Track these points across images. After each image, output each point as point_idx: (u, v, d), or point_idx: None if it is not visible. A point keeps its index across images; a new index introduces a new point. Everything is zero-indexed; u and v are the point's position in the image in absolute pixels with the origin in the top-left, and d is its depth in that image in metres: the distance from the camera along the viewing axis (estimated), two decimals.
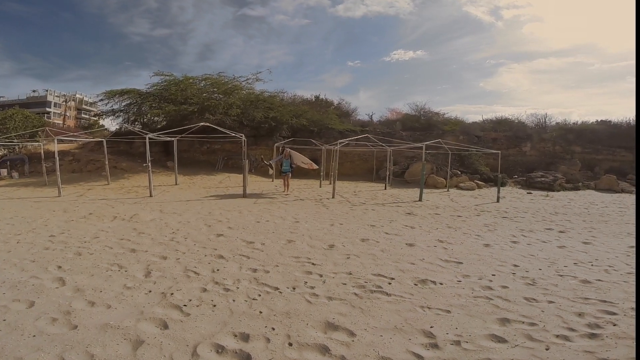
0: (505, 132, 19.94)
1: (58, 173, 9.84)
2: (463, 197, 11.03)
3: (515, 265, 3.93)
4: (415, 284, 3.30)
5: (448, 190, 12.75)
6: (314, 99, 25.21)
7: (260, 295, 2.94)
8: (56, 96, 55.04)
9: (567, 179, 15.08)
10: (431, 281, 3.38)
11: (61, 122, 47.41)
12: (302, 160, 10.90)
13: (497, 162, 11.78)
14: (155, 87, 16.91)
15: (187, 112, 15.16)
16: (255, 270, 3.54)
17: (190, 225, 5.70)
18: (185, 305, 2.70)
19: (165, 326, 2.39)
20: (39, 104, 51.13)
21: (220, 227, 5.56)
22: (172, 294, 2.93)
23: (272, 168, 11.80)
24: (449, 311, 2.75)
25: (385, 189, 12.44)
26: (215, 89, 17.48)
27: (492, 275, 3.60)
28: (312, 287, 3.13)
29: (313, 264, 3.80)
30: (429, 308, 2.81)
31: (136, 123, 17.39)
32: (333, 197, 9.43)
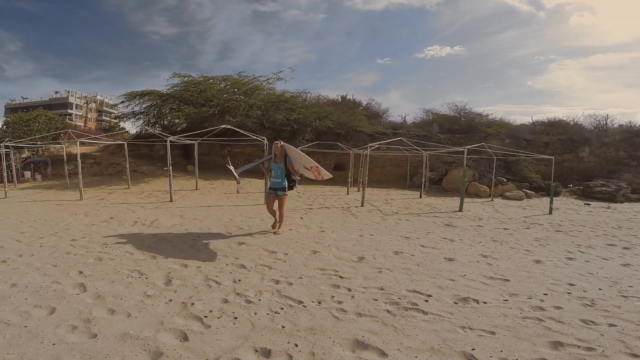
0: (559, 135, 19.06)
1: (80, 176, 10.46)
2: (509, 207, 10.63)
3: (571, 284, 3.77)
4: (455, 302, 3.22)
5: (492, 200, 12.34)
6: (339, 100, 25.24)
7: (282, 308, 2.98)
8: (77, 98, 58.75)
9: (633, 189, 14.15)
10: (473, 299, 3.29)
11: (82, 124, 50.42)
12: (304, 164, 5.92)
13: (550, 169, 11.28)
14: (175, 89, 17.59)
15: (208, 114, 15.63)
16: (277, 282, 3.59)
17: (211, 233, 5.88)
18: (205, 317, 2.78)
19: (185, 338, 2.46)
20: (61, 105, 54.74)
21: (242, 235, 5.68)
22: (192, 304, 3.02)
23: (236, 179, 5.92)
24: (493, 332, 2.67)
25: (421, 197, 12.22)
26: (235, 90, 17.92)
27: (544, 294, 3.46)
28: (340, 302, 3.13)
29: (341, 277, 3.79)
30: (471, 329, 2.73)
31: (156, 125, 18.14)
32: (362, 206, 9.38)
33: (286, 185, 5.69)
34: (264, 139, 10.80)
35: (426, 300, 3.24)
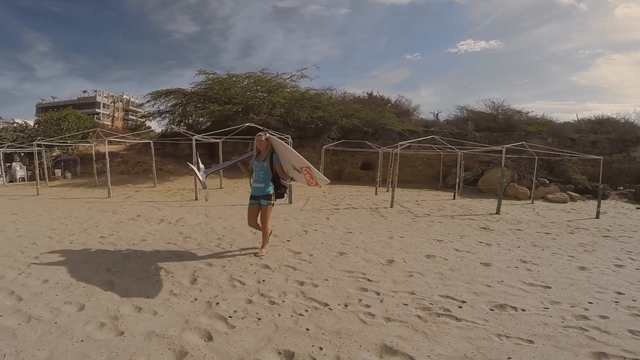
0: (608, 134, 18.08)
1: (108, 175, 11.00)
2: (552, 210, 10.21)
3: (619, 293, 3.60)
4: (491, 309, 3.15)
5: (533, 202, 11.89)
6: (366, 97, 25.14)
7: (307, 310, 3.00)
8: (104, 97, 61.65)
9: None
10: (511, 307, 3.20)
11: (110, 123, 52.87)
12: (293, 164, 4.58)
13: (598, 170, 10.75)
14: (200, 87, 18.13)
15: (232, 112, 15.99)
16: (302, 283, 3.63)
17: (235, 232, 6.02)
18: (230, 317, 2.85)
19: (210, 338, 2.54)
20: (89, 104, 57.61)
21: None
22: (217, 303, 3.11)
23: (202, 183, 4.85)
24: (531, 341, 2.60)
25: (454, 198, 11.96)
26: (258, 87, 18.23)
27: (589, 302, 3.34)
28: (368, 306, 3.12)
29: (369, 280, 3.79)
30: (507, 337, 2.66)
31: (181, 124, 18.75)
32: (391, 207, 9.30)
33: (271, 192, 4.46)
34: (288, 137, 10.91)
35: (460, 307, 3.19)
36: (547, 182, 13.97)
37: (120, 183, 13.59)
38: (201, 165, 4.86)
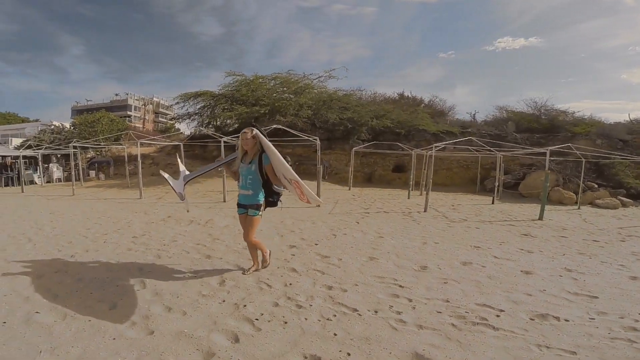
0: None
1: (140, 176, 11.54)
2: (601, 217, 9.68)
3: None
4: (531, 319, 3.06)
5: (579, 208, 11.34)
6: (398, 97, 24.95)
7: (335, 315, 3.02)
8: (136, 100, 64.54)
9: None
10: (553, 316, 3.10)
11: (141, 125, 55.28)
12: (284, 174, 3.95)
13: None
14: (227, 88, 18.61)
15: (258, 113, 16.28)
16: (330, 288, 3.65)
17: (262, 234, 6.11)
18: (256, 319, 2.92)
19: (237, 340, 2.61)
20: (121, 107, 60.52)
21: (293, 238, 5.86)
22: (244, 305, 3.19)
23: (178, 194, 4.17)
24: (574, 352, 2.51)
25: (493, 203, 11.61)
26: (285, 89, 18.47)
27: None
28: (399, 313, 3.10)
29: (400, 286, 3.76)
30: (548, 347, 2.58)
31: (209, 126, 19.32)
32: (425, 211, 9.15)
33: (261, 201, 3.86)
34: (316, 139, 10.98)
35: (497, 316, 3.11)
36: (596, 186, 13.29)
37: (151, 184, 14.17)
38: (184, 172, 4.36)
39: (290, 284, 3.74)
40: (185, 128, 22.92)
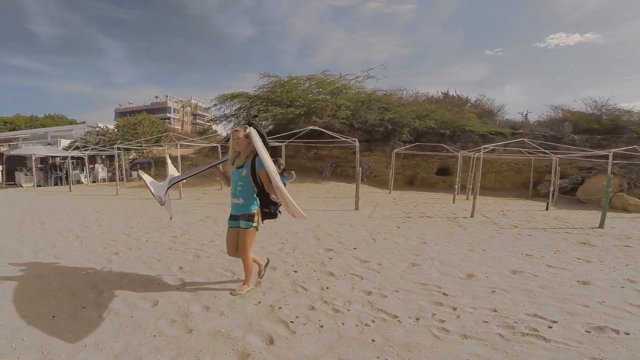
0: None
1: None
2: None
3: None
4: (587, 331, 2.91)
5: None
6: (442, 97, 24.50)
7: (374, 321, 3.01)
8: (174, 102, 67.60)
9: None
10: (612, 329, 2.94)
11: (179, 127, 57.79)
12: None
13: None
14: (262, 90, 19.11)
15: (294, 115, 16.54)
16: (369, 293, 3.64)
17: (298, 237, 6.22)
18: (292, 322, 2.97)
19: (271, 341, 2.67)
20: (161, 109, 63.60)
21: (330, 242, 5.89)
22: (280, 307, 3.25)
23: (158, 199, 3.80)
24: None
25: (547, 209, 11.07)
26: (320, 89, 18.65)
27: None
28: (442, 321, 3.04)
29: (444, 294, 3.69)
30: None
31: None
32: (472, 217, 8.89)
33: (254, 211, 3.50)
34: (355, 141, 10.97)
35: (550, 327, 2.99)
36: None
37: (189, 185, 14.77)
38: (172, 173, 4.16)
39: (327, 288, 3.76)
40: (222, 130, 23.74)
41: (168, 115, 63.41)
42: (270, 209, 3.66)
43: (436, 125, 17.85)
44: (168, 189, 3.85)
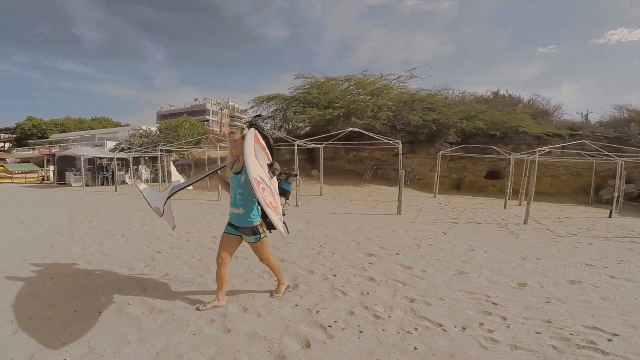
0: None
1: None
2: None
3: None
4: None
5: None
6: (491, 96, 23.78)
7: (417, 329, 2.97)
8: (213, 104, 69.94)
9: None
10: None
11: (218, 129, 59.75)
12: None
13: None
14: (298, 91, 19.36)
15: (332, 116, 16.61)
16: (412, 300, 3.59)
17: (337, 240, 6.24)
18: (329, 326, 2.99)
19: (308, 345, 2.70)
20: (200, 111, 65.97)
21: (371, 246, 5.86)
22: (317, 311, 3.29)
23: (155, 209, 3.76)
24: None
25: (610, 216, 10.40)
26: (360, 90, 18.62)
27: None
28: (490, 331, 2.96)
29: (494, 303, 3.58)
30: None
31: (282, 129, 20.28)
32: (525, 223, 8.53)
33: (257, 223, 3.30)
34: (398, 142, 10.84)
35: (609, 340, 2.85)
36: None
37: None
38: (177, 182, 4.09)
39: (368, 293, 3.76)
40: None
41: (207, 117, 65.57)
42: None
43: (485, 126, 17.33)
44: (169, 197, 3.70)
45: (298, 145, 12.19)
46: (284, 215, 3.45)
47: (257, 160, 2.89)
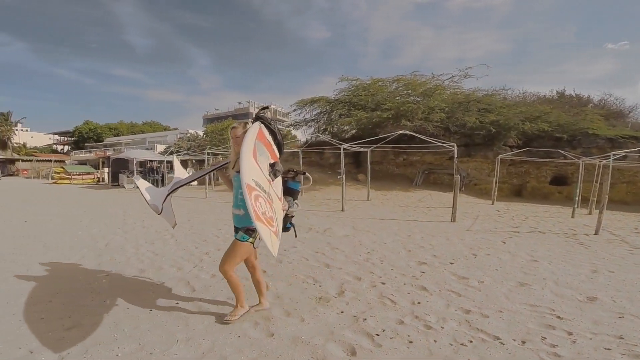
0: None
1: None
2: None
3: None
4: None
5: None
6: (556, 96, 22.65)
7: (471, 341, 2.91)
8: (255, 107, 72.18)
9: None
10: None
11: None
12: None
13: None
14: (343, 93, 19.52)
15: (381, 118, 16.53)
16: (468, 312, 3.50)
17: (386, 247, 6.18)
18: (377, 335, 2.98)
19: (353, 353, 2.71)
20: (243, 115, 68.14)
21: (423, 254, 5.76)
22: (364, 319, 3.29)
23: (153, 207, 3.54)
24: None
25: None
26: (409, 91, 18.43)
27: None
28: (554, 346, 2.83)
29: (559, 317, 3.41)
30: None
31: (326, 132, 20.45)
32: (596, 234, 8.00)
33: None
34: (453, 146, 10.57)
35: None
36: None
37: None
38: (177, 178, 3.94)
39: (419, 303, 3.71)
40: (301, 135, 24.78)
41: (251, 120, 67.77)
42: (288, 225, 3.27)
43: (550, 128, 16.54)
44: (169, 194, 3.57)
45: (345, 149, 12.23)
46: (292, 217, 3.36)
47: (254, 162, 2.67)
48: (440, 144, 11.28)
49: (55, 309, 3.51)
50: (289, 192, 3.37)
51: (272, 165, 2.96)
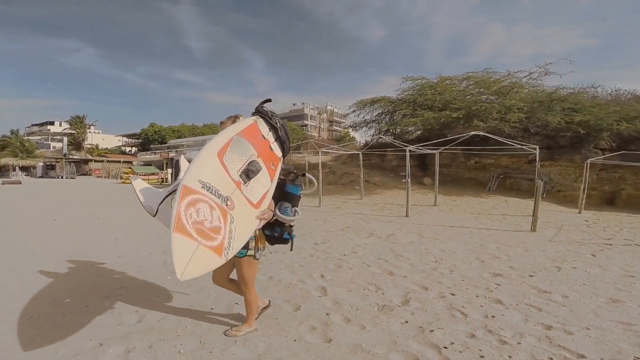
0: None
1: (321, 185, 13.23)
2: None
3: None
4: None
5: None
6: None
7: (552, 359, 2.82)
8: (311, 109, 73.31)
9: None
10: None
11: (316, 134, 62.38)
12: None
13: None
14: (407, 93, 19.41)
15: (450, 119, 16.20)
16: (549, 328, 3.37)
17: (456, 257, 6.06)
18: (445, 347, 2.96)
19: None
20: (298, 116, 69.61)
21: (498, 265, 5.59)
22: (431, 330, 3.27)
23: (146, 208, 3.14)
24: None
25: None
26: (481, 90, 17.99)
27: None
28: None
29: None
30: None
31: (388, 133, 20.36)
32: None
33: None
34: (535, 148, 10.11)
35: None
36: None
37: (327, 193, 15.92)
38: (181, 179, 3.61)
39: (493, 317, 3.62)
40: (361, 136, 24.82)
41: (305, 122, 68.82)
42: (274, 232, 3.05)
43: None
44: (168, 195, 3.19)
45: (411, 151, 12.12)
46: (291, 227, 3.09)
47: (216, 160, 2.50)
48: (520, 147, 10.84)
49: (124, 303, 3.84)
50: (287, 197, 3.04)
51: (249, 164, 2.68)
